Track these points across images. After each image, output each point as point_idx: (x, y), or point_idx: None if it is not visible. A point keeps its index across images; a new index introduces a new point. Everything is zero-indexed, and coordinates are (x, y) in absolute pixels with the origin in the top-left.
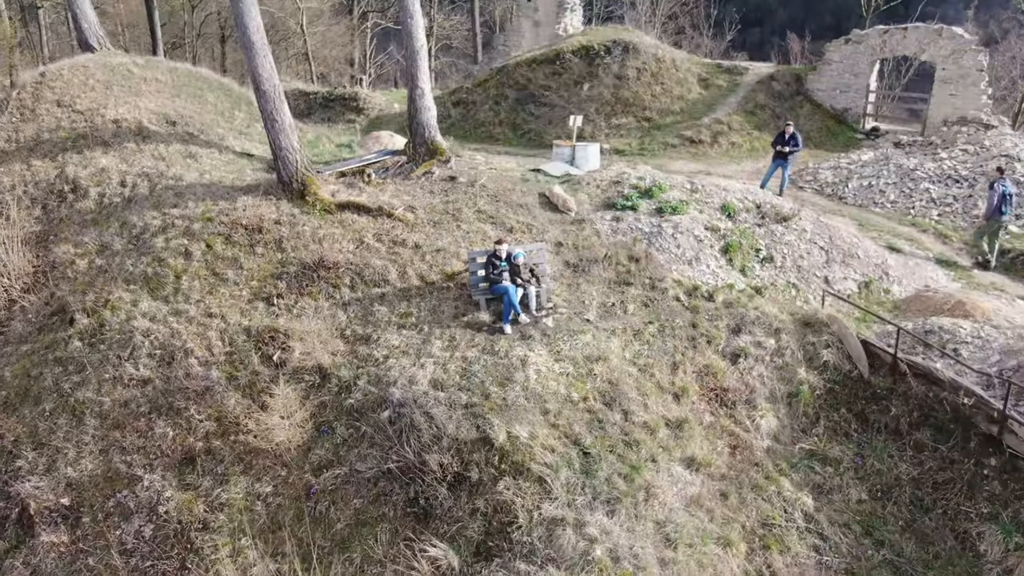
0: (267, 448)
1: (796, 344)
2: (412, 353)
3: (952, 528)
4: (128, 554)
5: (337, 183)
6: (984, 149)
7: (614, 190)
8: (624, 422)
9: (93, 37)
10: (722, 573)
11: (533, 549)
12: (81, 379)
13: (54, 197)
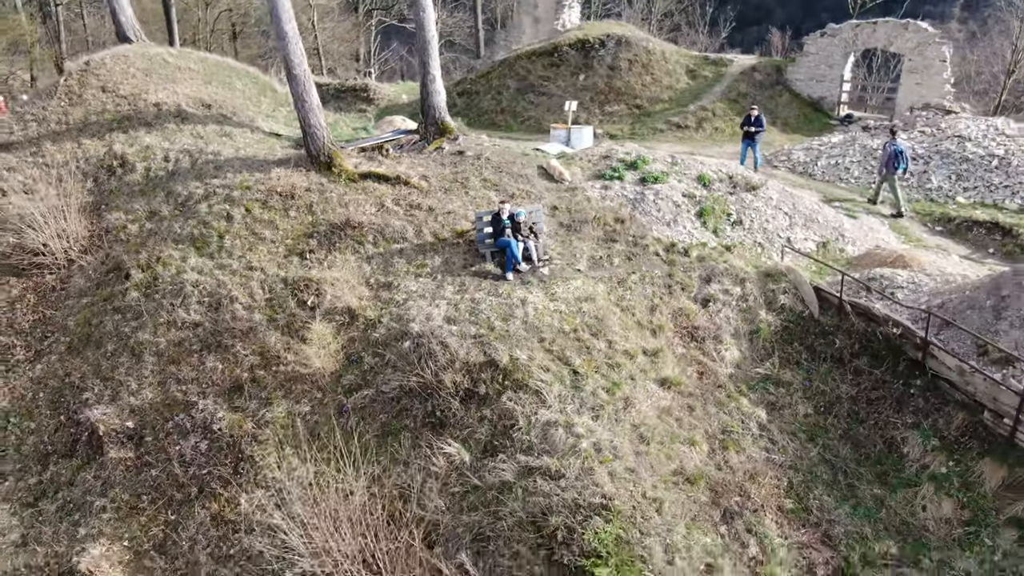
0: (305, 375)
1: (758, 291)
2: (428, 296)
3: (882, 435)
4: (187, 464)
5: (359, 157)
6: (940, 131)
7: (603, 163)
8: (608, 349)
9: (130, 30)
10: (686, 464)
11: (531, 445)
12: (139, 324)
13: (104, 171)
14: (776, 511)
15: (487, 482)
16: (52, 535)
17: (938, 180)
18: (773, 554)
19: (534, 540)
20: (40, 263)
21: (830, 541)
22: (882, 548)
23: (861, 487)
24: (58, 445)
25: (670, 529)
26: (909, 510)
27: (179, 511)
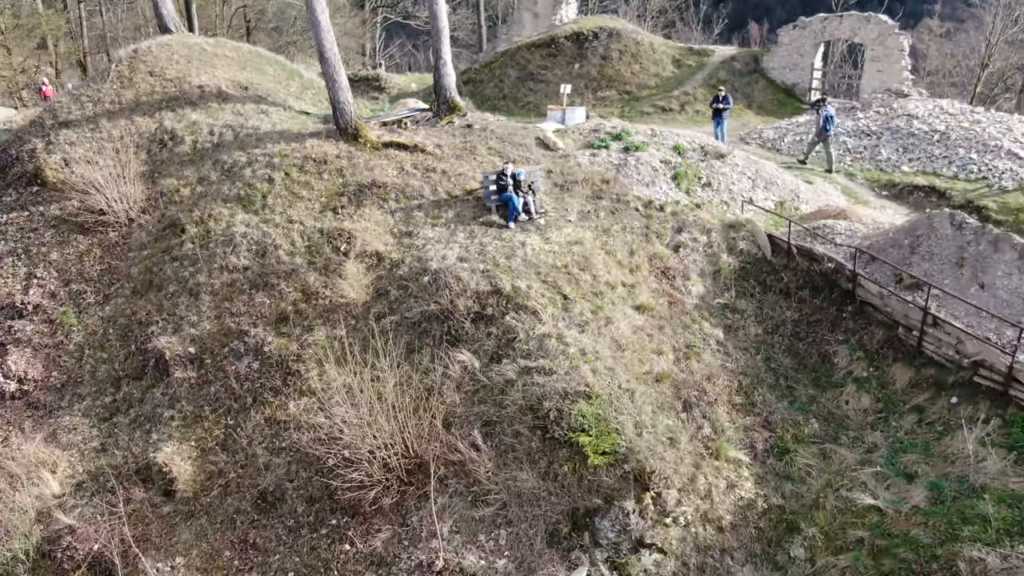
0: (341, 305)
1: (721, 239)
2: (443, 241)
3: (817, 350)
4: (242, 380)
5: (381, 130)
6: (892, 111)
7: (592, 135)
8: (593, 281)
9: (171, 22)
10: (655, 367)
11: (529, 352)
12: (195, 269)
13: (156, 144)
14: (727, 404)
15: (493, 381)
16: (127, 441)
17: (887, 152)
18: (723, 433)
19: (531, 421)
20: (104, 222)
21: (769, 426)
22: (810, 429)
23: (798, 389)
24: (128, 370)
25: (640, 411)
26: (835, 404)
27: (236, 417)
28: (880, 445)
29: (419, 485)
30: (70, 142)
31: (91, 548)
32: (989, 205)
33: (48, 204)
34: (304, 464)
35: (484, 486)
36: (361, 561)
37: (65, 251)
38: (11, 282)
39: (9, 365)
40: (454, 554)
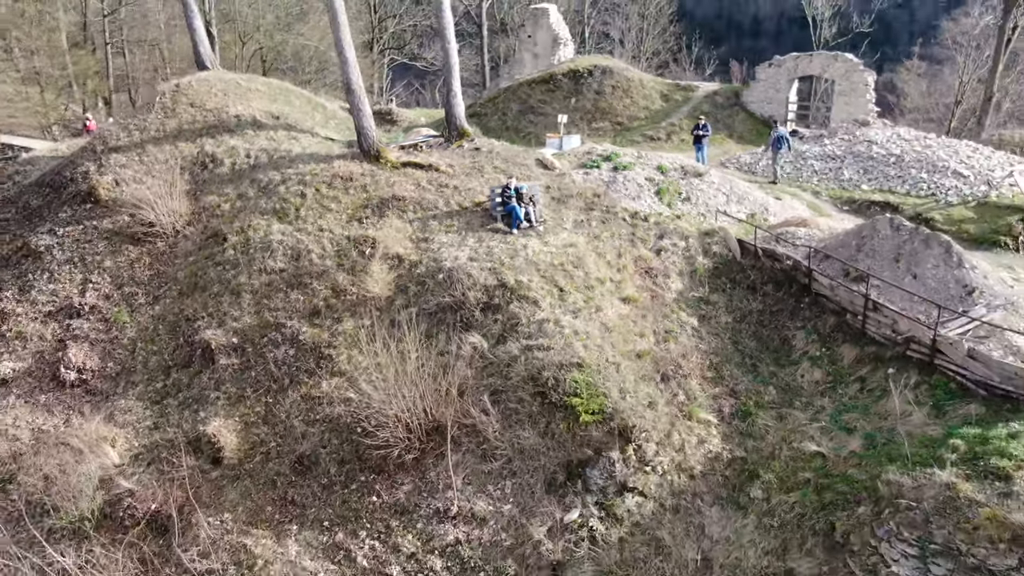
0: (366, 299)
1: (698, 244)
2: (455, 245)
3: (778, 335)
4: (279, 364)
5: (399, 152)
6: (855, 137)
7: (586, 157)
8: (585, 277)
9: (207, 60)
10: (638, 347)
11: (530, 334)
12: (236, 272)
13: (198, 167)
14: (699, 377)
15: (499, 357)
16: (178, 419)
17: (849, 173)
18: (694, 399)
19: (532, 389)
20: (153, 233)
21: (735, 395)
22: (769, 397)
23: (761, 366)
24: (177, 360)
25: (624, 380)
26: (792, 378)
27: (275, 396)
28: (827, 408)
29: (436, 445)
30: (120, 165)
31: (149, 507)
32: (936, 217)
33: (101, 219)
34: (336, 432)
35: (492, 444)
36: (386, 510)
37: (117, 259)
38: (69, 286)
39: (69, 357)
40: (467, 502)
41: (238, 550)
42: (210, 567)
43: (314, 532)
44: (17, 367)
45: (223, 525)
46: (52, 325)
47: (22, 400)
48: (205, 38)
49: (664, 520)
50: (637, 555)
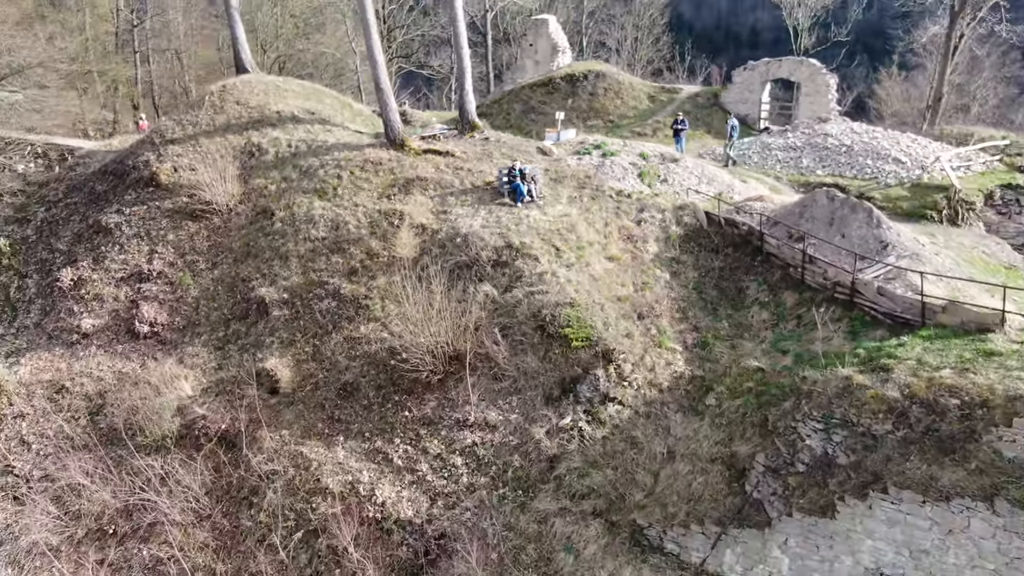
0: (395, 259)
1: (672, 216)
2: (470, 216)
3: (735, 286)
4: (324, 314)
5: (420, 142)
6: (814, 131)
7: (579, 146)
8: (576, 239)
9: (248, 64)
10: (619, 293)
11: (532, 283)
12: (284, 241)
13: (245, 155)
14: (669, 317)
15: (507, 302)
16: (239, 360)
17: (807, 161)
18: (664, 333)
19: (533, 324)
20: (209, 211)
21: (697, 330)
22: (724, 332)
23: (720, 309)
24: (235, 313)
25: (607, 316)
26: (744, 318)
27: (321, 339)
28: (769, 338)
29: (456, 370)
30: (177, 154)
31: (219, 427)
32: (876, 196)
33: (163, 200)
34: (373, 364)
35: (501, 368)
36: (416, 422)
37: (179, 233)
38: (137, 256)
39: (143, 313)
40: (481, 413)
41: (295, 456)
42: (273, 469)
43: (357, 441)
44: (96, 323)
45: (282, 439)
46: (124, 288)
47: (102, 350)
48: (246, 44)
49: (638, 423)
50: (616, 449)
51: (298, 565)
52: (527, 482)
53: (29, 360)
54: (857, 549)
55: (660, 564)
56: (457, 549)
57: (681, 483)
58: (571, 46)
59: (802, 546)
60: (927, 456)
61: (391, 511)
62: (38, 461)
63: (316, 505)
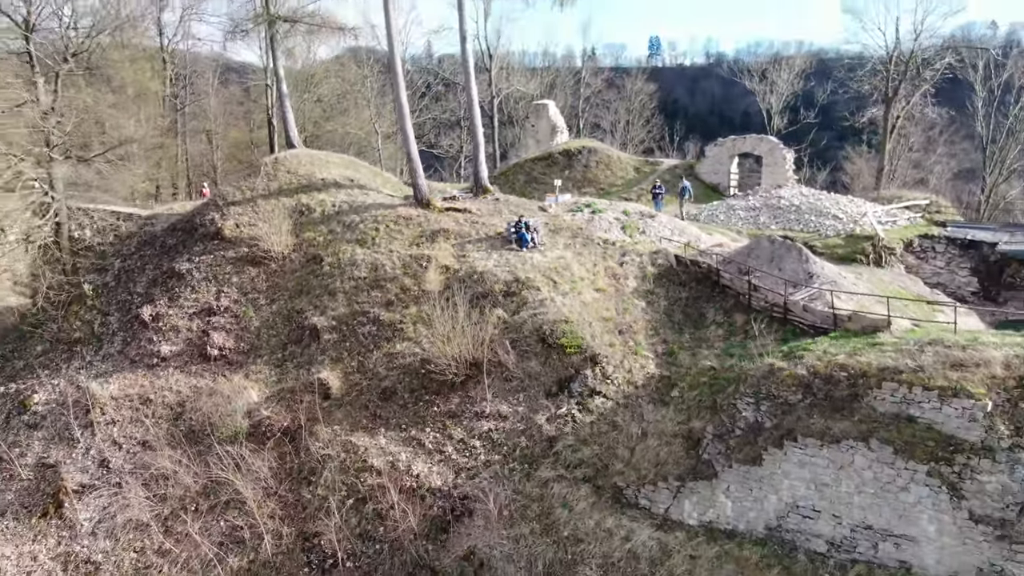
0: (424, 294)
1: (648, 259)
2: (484, 258)
3: (697, 311)
4: (366, 336)
5: (442, 202)
6: (770, 195)
7: (573, 205)
8: (570, 276)
9: (295, 140)
10: (604, 315)
11: (535, 307)
12: (331, 280)
13: (296, 213)
14: (644, 333)
15: (515, 321)
16: (295, 375)
17: (764, 219)
18: (639, 344)
19: (536, 337)
20: (267, 258)
21: (666, 343)
22: (687, 344)
23: (684, 328)
24: (291, 339)
25: (594, 331)
26: (703, 335)
27: (364, 355)
28: (721, 347)
29: (475, 374)
30: (238, 213)
31: (282, 425)
32: (817, 244)
33: (227, 250)
34: (407, 373)
35: (511, 371)
36: (443, 415)
37: (242, 276)
38: (207, 295)
39: (213, 340)
40: (495, 407)
41: (346, 444)
42: (328, 454)
43: (395, 432)
44: (173, 349)
45: (334, 432)
46: (196, 321)
47: (179, 370)
48: (294, 124)
49: (618, 411)
50: (601, 430)
51: (349, 526)
52: (531, 457)
53: (116, 379)
54: (779, 488)
55: (635, 515)
56: (476, 508)
57: (651, 453)
58: (569, 127)
59: (740, 490)
60: (824, 413)
61: (424, 481)
62: (129, 456)
63: (364, 479)
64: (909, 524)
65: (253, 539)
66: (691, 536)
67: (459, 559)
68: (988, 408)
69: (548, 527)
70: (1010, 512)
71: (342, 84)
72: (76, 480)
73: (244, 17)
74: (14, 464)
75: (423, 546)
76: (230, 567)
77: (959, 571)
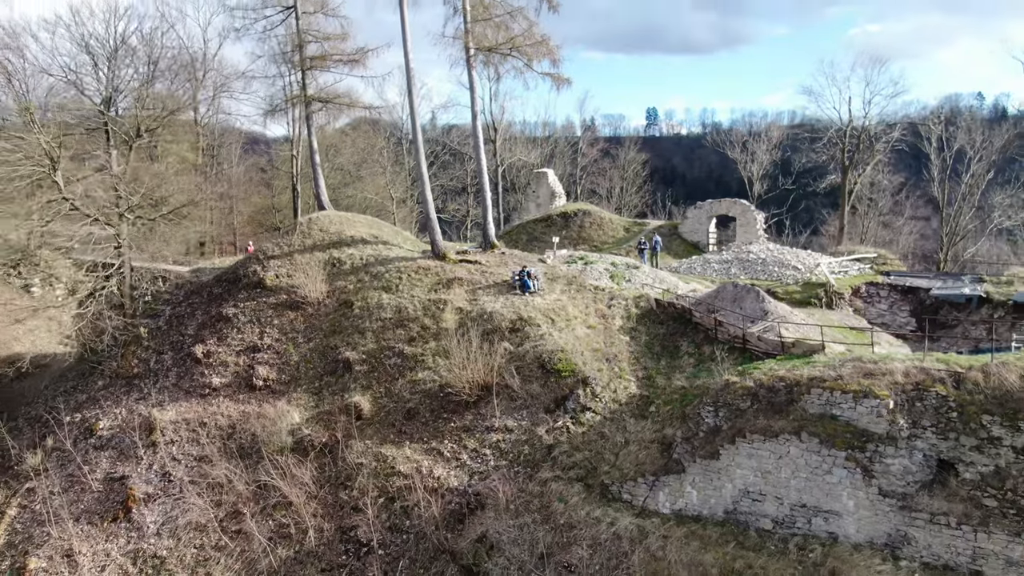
0: (442, 331)
1: (632, 302)
2: (492, 301)
3: (673, 344)
4: (391, 367)
5: (456, 255)
6: (741, 251)
7: (569, 258)
8: (566, 315)
9: (325, 203)
10: (594, 347)
11: (536, 340)
12: (361, 321)
13: (329, 266)
14: (627, 361)
15: (519, 352)
16: (331, 401)
17: (735, 270)
18: (623, 370)
19: (537, 364)
20: (304, 303)
21: (645, 369)
22: (663, 370)
23: (662, 358)
24: (327, 370)
25: (585, 359)
26: (677, 363)
27: (391, 383)
28: (691, 371)
29: (485, 395)
30: (277, 266)
31: (321, 441)
32: (778, 291)
33: (268, 297)
34: (428, 396)
35: (516, 393)
36: (458, 430)
37: (282, 319)
38: (251, 335)
39: (258, 372)
40: (502, 421)
41: (377, 455)
42: (361, 462)
43: (419, 444)
44: (222, 381)
45: (366, 446)
46: (243, 357)
47: (228, 398)
48: (324, 189)
49: (605, 423)
50: (591, 439)
51: (380, 520)
52: (533, 461)
53: (173, 407)
54: (733, 477)
55: (619, 506)
56: (487, 502)
57: (632, 456)
58: (567, 193)
59: (703, 481)
60: (767, 415)
61: (443, 482)
62: (187, 469)
63: (392, 482)
64: (833, 500)
65: (298, 533)
66: (664, 521)
67: (473, 543)
68: (890, 406)
69: (547, 517)
70: (911, 487)
71: (359, 152)
72: (142, 490)
73: (283, 98)
74: (86, 478)
75: (443, 534)
76: (279, 556)
77: (873, 537)
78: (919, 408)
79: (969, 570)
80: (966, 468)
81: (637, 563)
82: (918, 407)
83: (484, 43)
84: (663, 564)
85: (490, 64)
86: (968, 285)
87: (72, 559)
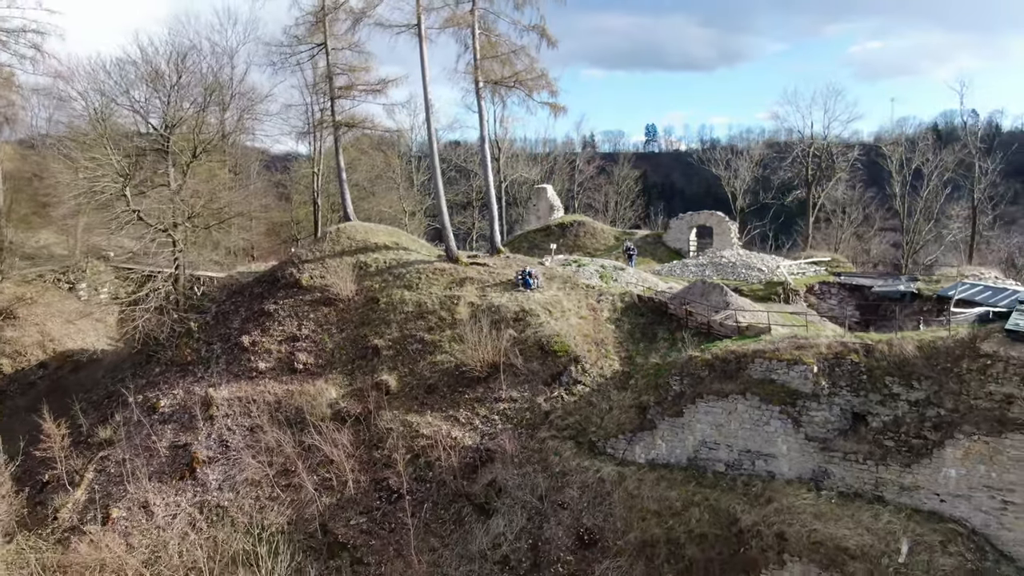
0: (456, 321)
1: (618, 298)
2: (499, 296)
3: (652, 332)
4: (413, 352)
5: (467, 258)
6: (716, 256)
7: (564, 261)
8: (561, 308)
9: (351, 214)
10: (585, 333)
11: (536, 327)
12: (386, 314)
13: (357, 269)
14: (612, 345)
15: (522, 336)
16: (362, 380)
17: (709, 272)
18: (609, 351)
19: (537, 346)
20: (336, 300)
21: (627, 351)
22: (642, 351)
23: (642, 343)
24: (358, 355)
25: (577, 342)
26: (654, 346)
27: (414, 364)
28: (664, 352)
29: (494, 372)
30: (311, 268)
31: (355, 411)
32: (744, 289)
33: (304, 295)
34: (446, 374)
35: (519, 369)
36: (471, 400)
37: (317, 314)
38: (291, 327)
39: (298, 358)
40: (508, 393)
41: (403, 421)
42: (389, 427)
43: (439, 412)
44: (267, 365)
45: (394, 415)
46: (284, 345)
47: (273, 380)
48: (350, 202)
49: (593, 394)
50: (581, 406)
51: (408, 472)
52: (533, 424)
53: (225, 387)
54: (694, 431)
55: (603, 459)
56: (496, 456)
57: (615, 419)
58: (565, 207)
59: (670, 435)
60: (720, 380)
61: (460, 441)
62: (242, 437)
63: (417, 442)
64: (771, 446)
65: (339, 485)
66: (639, 468)
67: (485, 487)
68: (815, 371)
69: (545, 467)
70: (830, 433)
71: (374, 169)
72: (204, 454)
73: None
74: (155, 445)
75: (460, 482)
76: (324, 503)
77: (801, 473)
78: (838, 372)
79: (872, 495)
80: (873, 418)
81: (617, 500)
82: (837, 371)
83: (492, 77)
84: (637, 500)
85: (496, 94)
86: (903, 283)
87: (148, 509)
